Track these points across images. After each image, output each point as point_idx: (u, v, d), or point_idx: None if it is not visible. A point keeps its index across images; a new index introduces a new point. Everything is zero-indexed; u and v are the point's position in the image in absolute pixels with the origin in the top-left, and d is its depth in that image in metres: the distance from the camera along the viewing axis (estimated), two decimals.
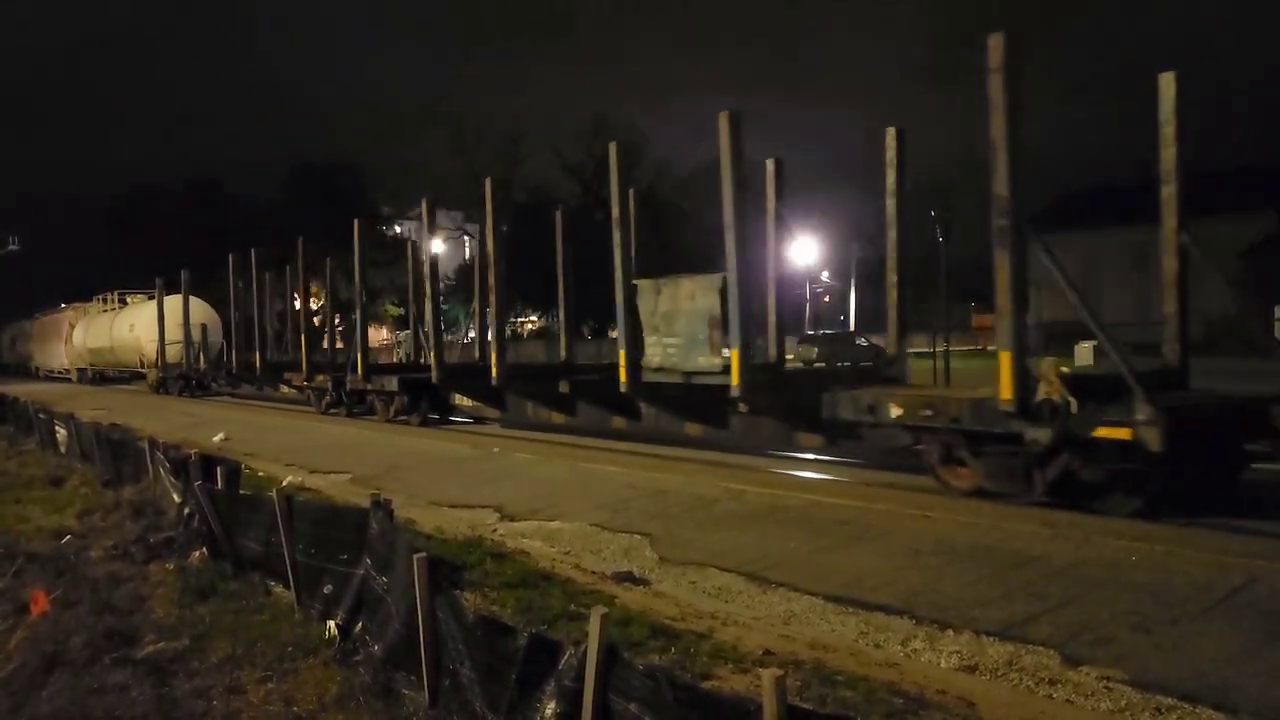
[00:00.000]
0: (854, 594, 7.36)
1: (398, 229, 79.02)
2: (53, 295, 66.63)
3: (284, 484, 12.44)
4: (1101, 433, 9.38)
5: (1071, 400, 9.60)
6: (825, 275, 67.57)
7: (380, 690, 5.45)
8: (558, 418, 18.08)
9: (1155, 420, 8.94)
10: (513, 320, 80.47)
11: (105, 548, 9.50)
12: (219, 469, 9.38)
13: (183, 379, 36.84)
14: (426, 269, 22.87)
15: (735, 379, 13.05)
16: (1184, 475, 9.47)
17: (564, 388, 17.24)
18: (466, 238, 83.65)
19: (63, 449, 17.30)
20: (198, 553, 8.88)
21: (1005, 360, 9.98)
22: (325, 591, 6.77)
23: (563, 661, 4.12)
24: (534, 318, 79.50)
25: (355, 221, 25.57)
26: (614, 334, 16.81)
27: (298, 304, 29.25)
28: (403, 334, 62.48)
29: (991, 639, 6.25)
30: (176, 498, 10.12)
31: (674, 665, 5.70)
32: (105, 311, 51.29)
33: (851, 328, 62.23)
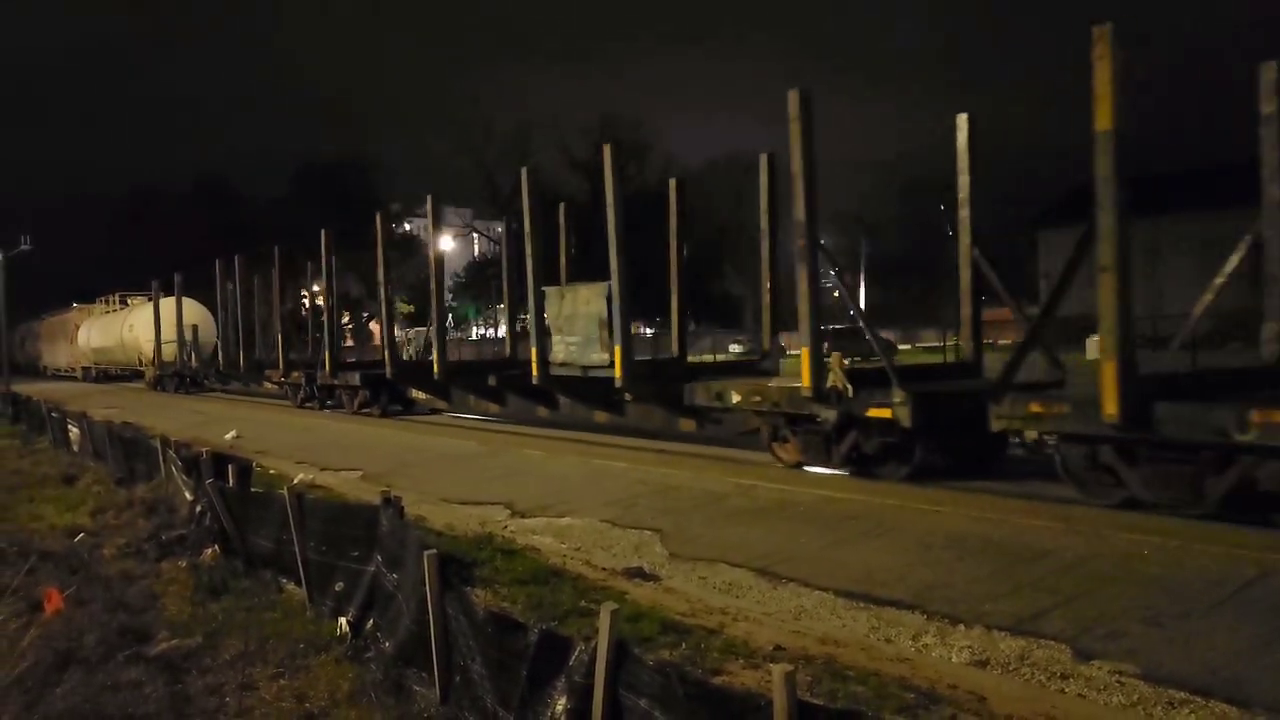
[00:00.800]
0: (865, 589, 7.35)
1: (407, 226, 79.16)
2: (63, 295, 67.08)
3: (295, 481, 12.49)
4: (872, 413, 11.49)
5: (849, 387, 11.69)
6: (832, 270, 67.41)
7: (392, 686, 5.47)
8: (493, 408, 20.40)
9: (906, 402, 10.96)
10: (522, 317, 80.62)
11: (118, 546, 9.55)
12: (230, 467, 9.42)
13: (178, 376, 38.54)
14: (381, 274, 24.86)
15: (619, 372, 15.19)
16: (945, 449, 11.61)
17: (492, 381, 19.57)
18: (475, 235, 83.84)
19: (75, 447, 17.40)
20: (210, 550, 8.92)
21: (804, 355, 12.07)
22: (337, 588, 6.79)
23: (573, 657, 4.12)
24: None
25: (323, 232, 27.33)
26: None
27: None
28: (413, 331, 62.63)
29: (1003, 634, 6.24)
30: (188, 496, 10.16)
31: (684, 661, 5.70)
32: (108, 313, 53.48)
33: (860, 323, 62.07)
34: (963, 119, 13.00)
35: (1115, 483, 9.66)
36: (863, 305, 65.65)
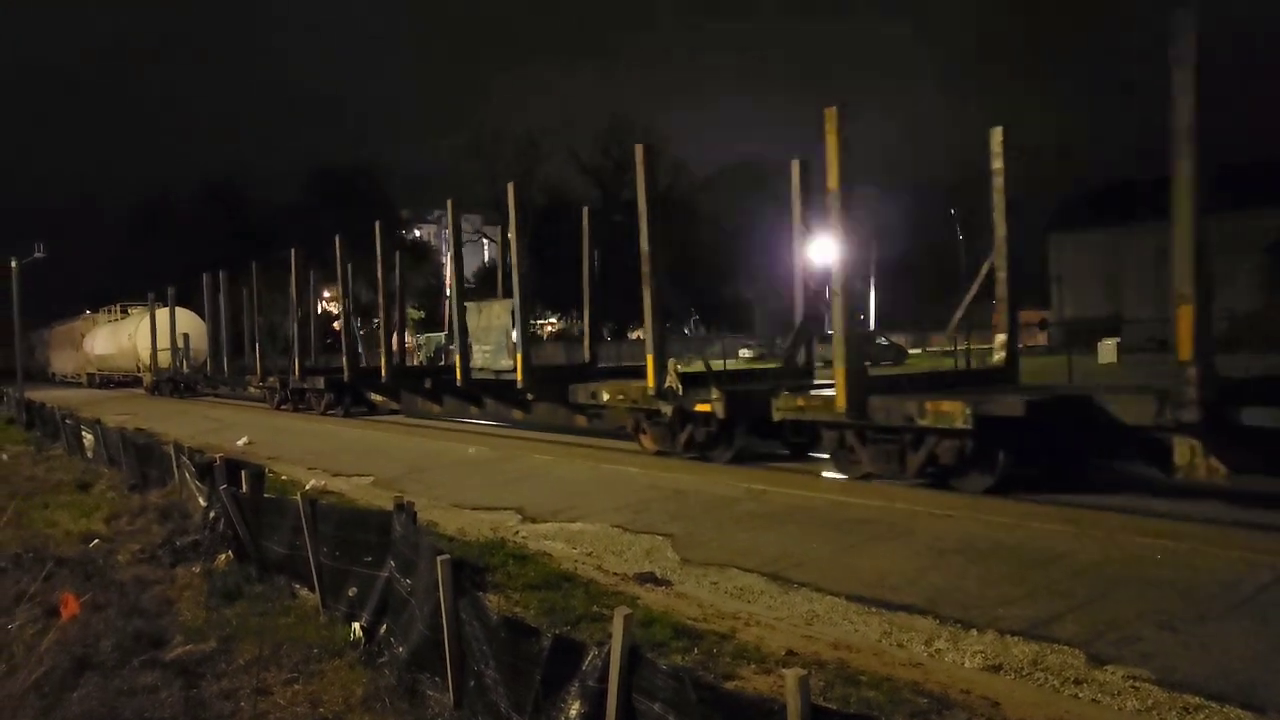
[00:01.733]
0: (877, 594, 7.34)
1: (417, 232, 79.42)
2: (76, 302, 67.78)
3: (307, 487, 12.55)
4: (698, 407, 14.13)
5: (680, 386, 14.37)
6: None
7: (405, 691, 5.49)
8: (434, 408, 23.33)
9: (720, 399, 13.68)
10: (532, 322, 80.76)
11: (133, 551, 9.61)
12: (243, 473, 9.47)
13: (172, 382, 41.19)
14: (343, 285, 27.76)
15: (520, 376, 18.31)
16: (757, 435, 14.18)
17: (428, 384, 23.36)
18: (485, 241, 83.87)
19: (90, 454, 17.50)
20: (223, 556, 8.97)
21: (650, 360, 14.75)
22: (350, 594, 6.82)
23: (586, 662, 4.14)
24: (553, 319, 79.70)
25: (293, 251, 29.48)
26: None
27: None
28: (424, 337, 62.81)
29: (1016, 638, 6.22)
30: (202, 501, 10.21)
31: (697, 666, 5.71)
32: (111, 322, 56.69)
33: (872, 327, 61.96)
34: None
35: (857, 460, 12.33)
36: (873, 310, 65.55)
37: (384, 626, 6.27)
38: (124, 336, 50.10)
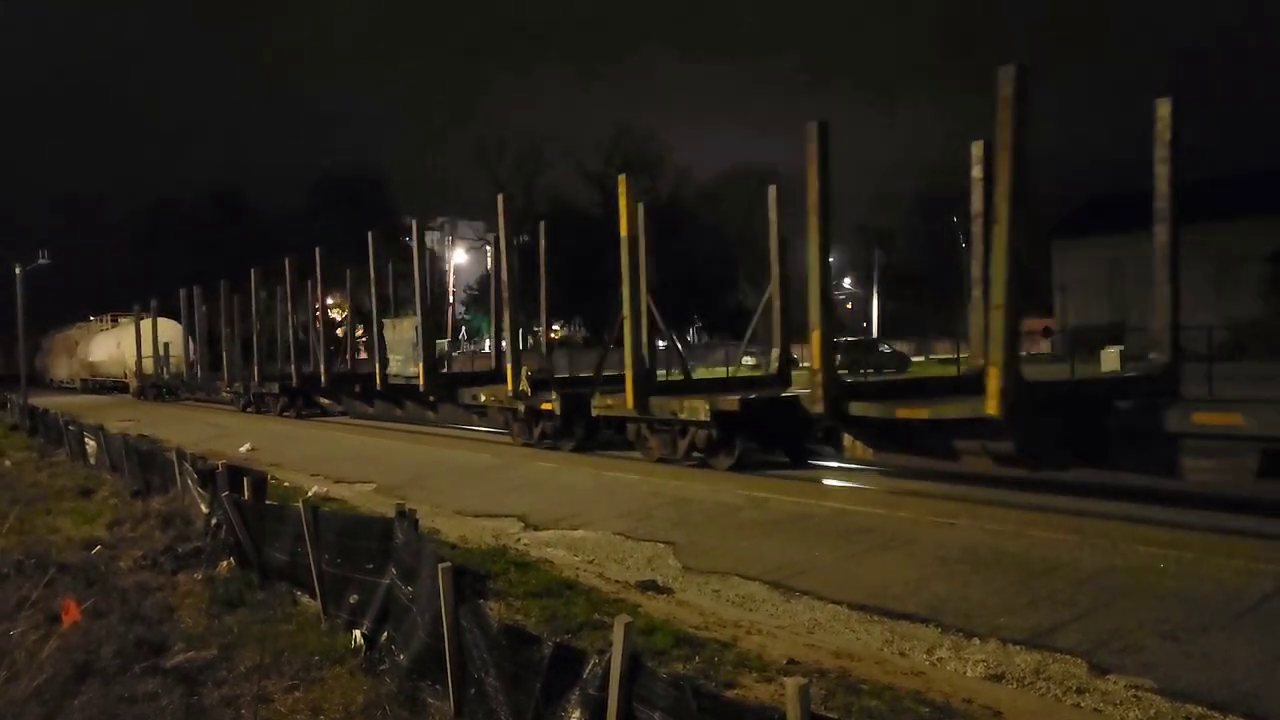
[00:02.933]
0: (879, 602, 7.32)
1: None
2: (81, 310, 68.14)
3: (310, 494, 12.55)
4: (543, 406, 17.77)
5: (530, 389, 18.12)
6: (847, 282, 67.38)
7: (406, 699, 5.48)
8: (368, 409, 27.13)
9: (557, 399, 17.42)
10: (535, 329, 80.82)
11: (134, 558, 9.60)
12: (245, 479, 9.46)
13: (155, 387, 44.36)
14: (294, 299, 30.66)
15: (422, 381, 21.84)
16: (592, 430, 17.50)
17: (358, 389, 27.24)
18: (489, 247, 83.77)
19: (92, 460, 17.51)
20: (225, 563, 8.96)
21: (509, 368, 18.71)
22: (351, 601, 6.81)
23: (587, 670, 4.13)
24: (555, 326, 79.74)
25: (252, 271, 32.08)
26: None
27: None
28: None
29: (1018, 647, 6.21)
30: (204, 508, 10.22)
31: (698, 674, 5.70)
32: (102, 331, 59.62)
33: (875, 334, 61.94)
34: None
35: (650, 445, 15.71)
36: (875, 317, 65.53)
37: (385, 634, 6.26)
38: (113, 345, 53.54)
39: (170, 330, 45.07)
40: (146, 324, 44.79)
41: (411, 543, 6.18)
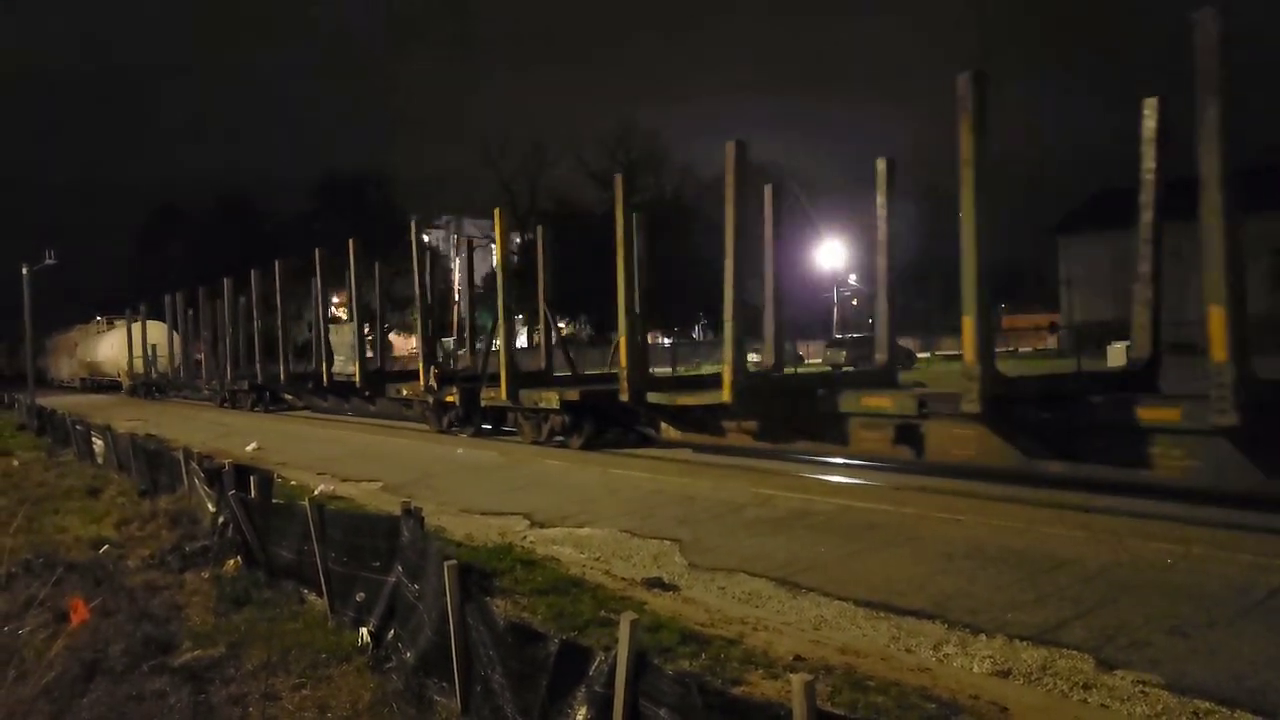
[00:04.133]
0: (885, 599, 7.32)
1: (425, 238, 79.53)
2: (87, 311, 68.64)
3: (316, 493, 12.58)
4: (447, 399, 21.18)
5: (436, 384, 21.52)
6: (853, 279, 67.25)
7: (413, 697, 5.49)
8: (321, 403, 29.79)
9: (457, 393, 20.73)
10: (538, 327, 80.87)
11: (142, 557, 9.63)
12: (252, 478, 9.49)
13: (145, 385, 47.98)
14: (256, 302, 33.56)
15: (358, 378, 25.87)
16: (490, 419, 20.52)
17: (310, 385, 30.00)
18: (493, 246, 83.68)
19: (100, 460, 17.56)
20: (232, 561, 8.99)
21: (422, 367, 22.44)
22: (358, 599, 6.82)
23: (593, 667, 4.13)
24: (560, 325, 79.85)
25: (226, 281, 35.22)
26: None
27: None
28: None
29: (1025, 643, 6.20)
30: (211, 507, 10.24)
31: (704, 671, 5.70)
32: (99, 333, 62.77)
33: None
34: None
35: (524, 430, 18.92)
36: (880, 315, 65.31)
37: (391, 632, 6.27)
38: (108, 346, 57.11)
39: (158, 333, 48.46)
40: (137, 327, 48.54)
41: (417, 541, 6.19)
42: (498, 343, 20.98)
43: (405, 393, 23.35)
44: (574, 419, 17.56)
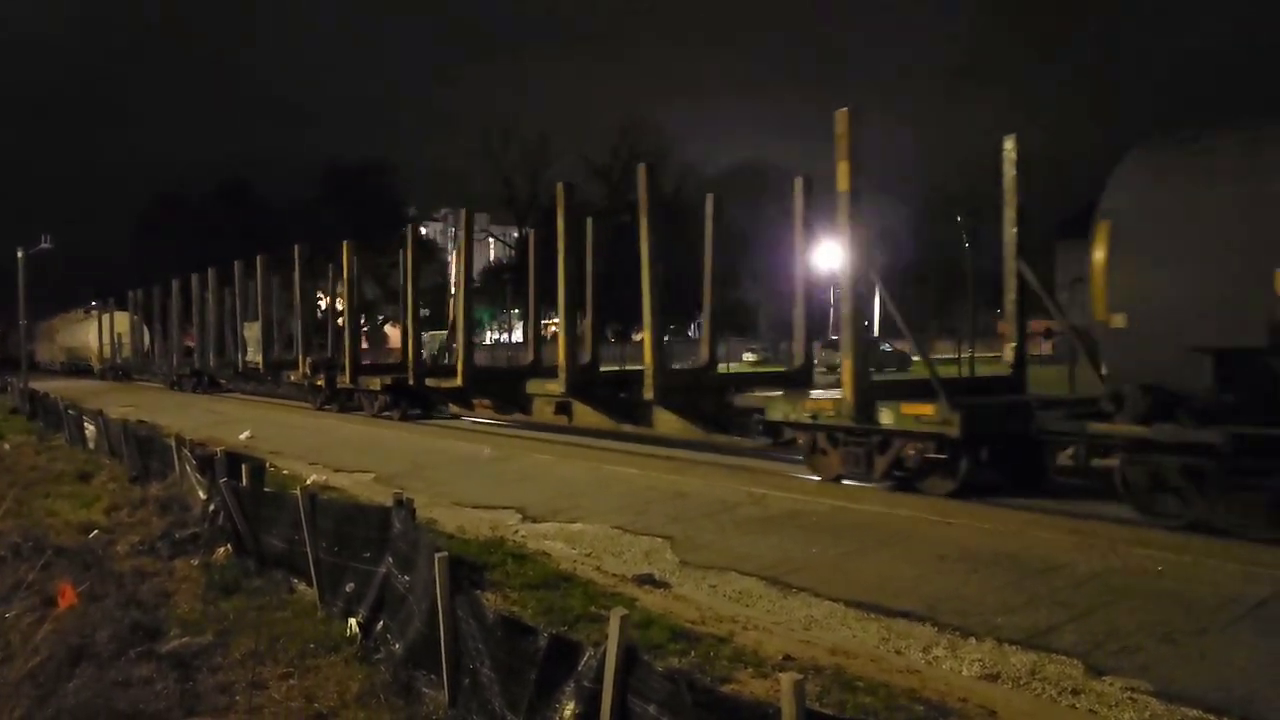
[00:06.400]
0: (876, 600, 7.31)
1: (424, 230, 79.45)
2: (82, 296, 69.03)
3: (308, 482, 12.53)
4: (317, 382, 27.18)
5: (309, 371, 27.00)
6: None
7: (401, 688, 5.47)
8: (244, 386, 36.55)
9: (323, 378, 26.62)
10: (541, 322, 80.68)
11: (132, 543, 9.61)
12: (244, 467, 9.47)
13: (113, 369, 53.97)
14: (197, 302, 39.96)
15: (261, 364, 31.77)
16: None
17: (232, 371, 35.97)
18: (491, 239, 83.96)
19: (91, 445, 17.52)
20: (222, 549, 8.96)
21: (300, 357, 27.89)
22: (347, 589, 6.81)
23: (582, 663, 4.12)
24: (557, 320, 79.75)
25: (185, 280, 39.58)
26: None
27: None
28: (428, 335, 62.94)
29: (1014, 647, 6.20)
30: (202, 494, 10.22)
31: (694, 668, 5.69)
32: (77, 321, 68.54)
33: (876, 333, 61.85)
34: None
35: (363, 407, 24.85)
36: (877, 317, 65.29)
37: (381, 623, 6.26)
38: (84, 333, 63.00)
39: (124, 323, 53.96)
40: (108, 317, 55.13)
41: (409, 532, 6.17)
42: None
43: (292, 378, 29.32)
44: (393, 398, 23.79)
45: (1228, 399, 8.69)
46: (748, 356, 56.71)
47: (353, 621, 6.52)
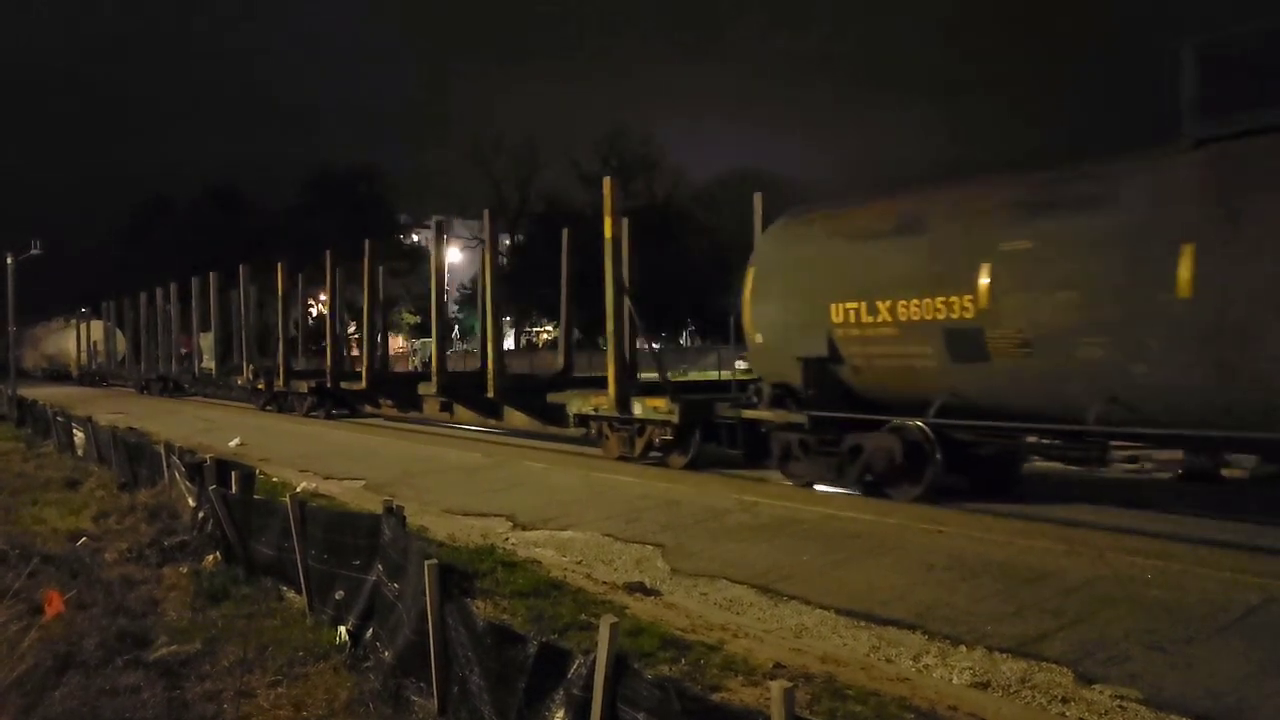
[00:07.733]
0: (866, 608, 7.32)
1: (415, 237, 79.36)
2: (70, 301, 68.81)
3: (298, 489, 12.49)
4: (259, 385, 31.08)
5: (252, 376, 31.74)
6: None
7: (390, 696, 5.46)
8: (203, 389, 39.73)
9: (264, 382, 30.72)
10: (528, 329, 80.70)
11: (120, 550, 9.55)
12: (233, 474, 9.43)
13: (89, 375, 57.75)
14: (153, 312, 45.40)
15: (214, 371, 37.13)
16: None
17: (191, 377, 40.95)
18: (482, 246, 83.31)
19: (80, 452, 17.43)
20: (211, 557, 8.93)
21: (245, 363, 34.02)
22: (337, 597, 6.79)
23: (572, 670, 4.12)
24: (549, 327, 79.60)
25: (158, 290, 43.50)
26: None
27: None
28: (419, 342, 62.92)
29: (1004, 655, 6.21)
30: (191, 502, 10.17)
31: (684, 676, 5.68)
32: (58, 329, 71.22)
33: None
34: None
35: (295, 407, 28.68)
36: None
37: (370, 630, 6.24)
38: (63, 340, 67.11)
39: (99, 331, 57.95)
40: (85, 326, 59.34)
41: (399, 540, 6.16)
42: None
43: (240, 381, 33.02)
44: (318, 399, 27.36)
45: (811, 393, 12.59)
46: (739, 365, 56.75)
47: (342, 629, 6.50)
